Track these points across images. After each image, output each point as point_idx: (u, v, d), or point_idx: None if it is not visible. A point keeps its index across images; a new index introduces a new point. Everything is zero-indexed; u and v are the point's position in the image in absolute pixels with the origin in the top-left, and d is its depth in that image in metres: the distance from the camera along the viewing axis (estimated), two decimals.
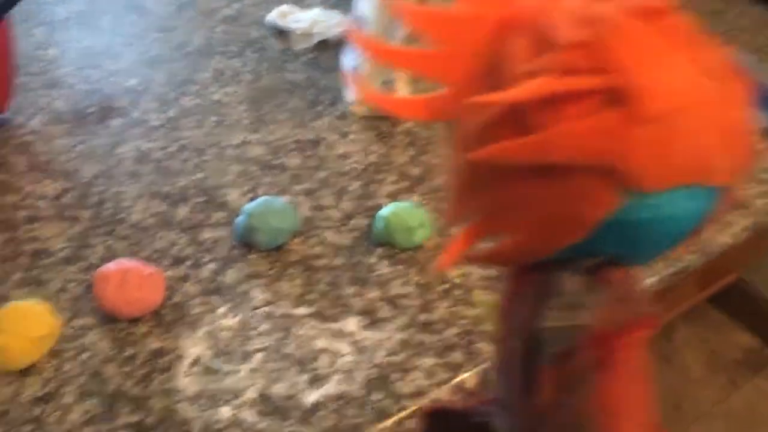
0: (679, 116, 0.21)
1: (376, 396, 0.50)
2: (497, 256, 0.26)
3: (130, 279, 0.55)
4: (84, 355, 0.53)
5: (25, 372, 0.52)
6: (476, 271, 0.60)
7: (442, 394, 0.51)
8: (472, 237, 0.26)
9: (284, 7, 0.95)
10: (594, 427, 0.24)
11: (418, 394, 0.51)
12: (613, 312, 0.24)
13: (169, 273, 0.60)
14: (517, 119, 0.22)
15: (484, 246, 0.27)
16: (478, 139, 0.24)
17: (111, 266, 0.56)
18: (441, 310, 0.57)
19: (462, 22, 0.25)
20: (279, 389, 0.51)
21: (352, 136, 0.77)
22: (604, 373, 0.24)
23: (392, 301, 0.58)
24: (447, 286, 0.59)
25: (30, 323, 0.52)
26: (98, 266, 0.59)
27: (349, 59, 0.81)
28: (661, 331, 1.42)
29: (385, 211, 0.62)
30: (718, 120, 0.22)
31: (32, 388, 0.51)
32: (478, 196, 0.25)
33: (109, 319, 0.55)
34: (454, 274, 0.60)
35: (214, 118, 0.78)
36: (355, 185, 0.70)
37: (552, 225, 0.23)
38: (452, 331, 0.55)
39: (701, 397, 1.37)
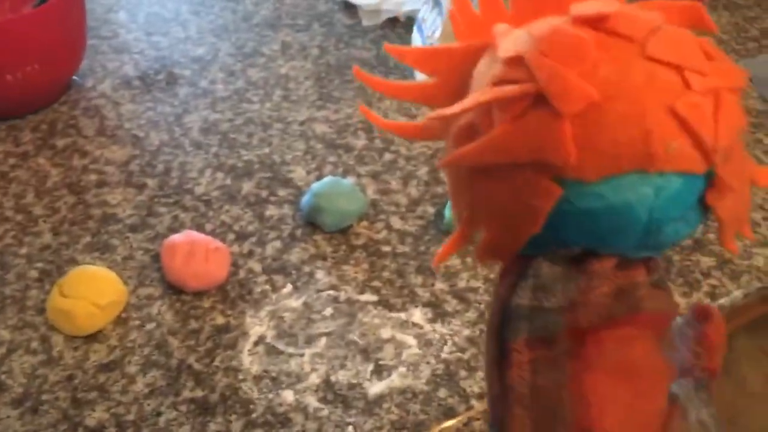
0: (601, 109, 0.23)
1: (442, 393, 0.49)
2: (481, 251, 0.28)
3: (197, 252, 0.54)
4: (149, 326, 0.53)
5: (91, 338, 0.52)
6: None
7: None
8: (463, 235, 0.29)
9: None
10: (569, 413, 0.24)
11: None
12: (593, 303, 0.25)
13: (234, 248, 0.59)
14: (471, 129, 0.26)
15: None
16: (449, 148, 0.27)
17: (178, 237, 0.56)
18: None
19: (445, 54, 0.29)
20: (342, 377, 0.50)
21: (420, 119, 0.75)
22: (577, 363, 0.24)
23: (460, 295, 0.56)
24: None
25: (97, 289, 0.52)
26: (164, 236, 0.59)
27: (418, 38, 0.78)
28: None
29: None
30: (656, 109, 0.23)
31: (98, 354, 0.51)
32: (459, 198, 0.28)
33: (174, 290, 0.55)
34: None
35: (280, 92, 0.77)
36: (423, 170, 0.68)
37: (510, 218, 0.26)
38: None
39: (759, 414, 1.32)
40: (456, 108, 0.25)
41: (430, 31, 0.74)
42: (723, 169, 0.24)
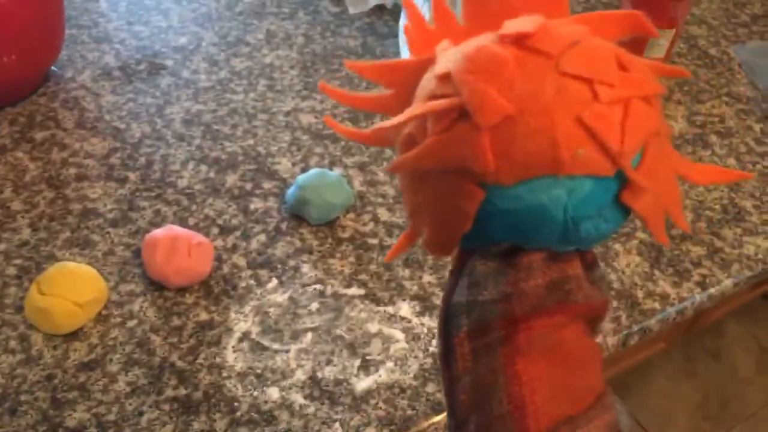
0: (515, 122, 0.25)
1: (430, 387, 0.48)
2: (425, 245, 0.31)
3: (179, 247, 0.53)
4: (131, 323, 0.51)
5: (71, 336, 0.50)
6: None
7: None
8: (411, 232, 0.31)
9: None
10: (503, 393, 0.26)
11: None
12: (527, 294, 0.27)
13: (218, 242, 0.58)
14: (411, 138, 0.28)
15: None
16: (396, 154, 0.29)
17: (160, 232, 0.54)
18: None
19: (399, 68, 0.31)
20: (329, 373, 0.49)
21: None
22: (510, 348, 0.26)
23: None
24: None
25: (77, 286, 0.51)
26: (146, 231, 0.57)
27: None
28: (712, 327, 1.37)
29: None
30: (564, 120, 0.25)
31: (78, 353, 0.50)
32: (406, 198, 0.31)
33: (156, 286, 0.54)
34: None
35: (264, 82, 0.75)
36: None
37: (444, 218, 0.28)
38: None
39: (750, 398, 1.33)
40: (392, 121, 0.27)
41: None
42: (634, 171, 0.26)
